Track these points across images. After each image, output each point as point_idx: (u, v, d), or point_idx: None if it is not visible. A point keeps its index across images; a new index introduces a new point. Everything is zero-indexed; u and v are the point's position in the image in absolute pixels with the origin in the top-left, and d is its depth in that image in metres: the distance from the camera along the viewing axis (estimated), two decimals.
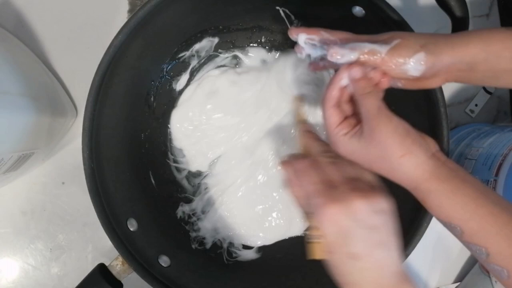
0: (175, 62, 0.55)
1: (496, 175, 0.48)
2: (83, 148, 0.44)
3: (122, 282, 0.45)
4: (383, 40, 0.37)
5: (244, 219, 0.55)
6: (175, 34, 0.52)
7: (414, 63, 0.35)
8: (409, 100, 0.45)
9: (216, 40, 0.55)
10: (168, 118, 0.56)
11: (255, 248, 0.55)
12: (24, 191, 0.58)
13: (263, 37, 0.57)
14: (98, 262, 0.46)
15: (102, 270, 0.44)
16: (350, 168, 0.37)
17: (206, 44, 0.55)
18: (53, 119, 0.52)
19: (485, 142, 0.52)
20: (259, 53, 0.57)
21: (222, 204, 0.56)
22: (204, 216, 0.56)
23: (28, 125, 0.48)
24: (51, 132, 0.54)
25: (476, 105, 0.61)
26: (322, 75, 0.55)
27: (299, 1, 0.51)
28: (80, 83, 0.58)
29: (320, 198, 0.34)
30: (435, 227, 0.37)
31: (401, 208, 0.51)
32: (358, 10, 0.46)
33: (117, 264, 0.45)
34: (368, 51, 0.36)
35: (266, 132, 0.55)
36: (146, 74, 0.53)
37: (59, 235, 0.58)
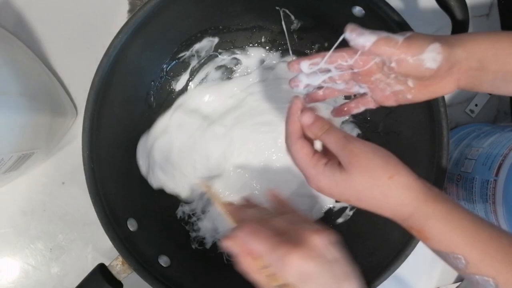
0: (175, 62, 0.55)
1: (496, 175, 0.47)
2: (83, 148, 0.44)
3: (122, 282, 0.45)
4: None
5: None
6: (175, 34, 0.52)
7: (431, 52, 0.33)
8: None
9: (216, 40, 0.55)
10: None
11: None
12: (24, 191, 0.58)
13: (263, 37, 0.57)
14: (98, 262, 0.46)
15: (102, 270, 0.44)
16: (290, 216, 0.36)
17: (206, 44, 0.55)
18: (53, 119, 0.52)
19: (485, 142, 0.52)
20: (259, 53, 0.57)
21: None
22: (204, 216, 0.56)
23: (28, 125, 0.48)
24: (51, 132, 0.54)
25: (476, 105, 0.61)
26: None
27: (299, 1, 0.51)
28: (80, 83, 0.58)
29: (279, 250, 0.32)
30: None
31: None
32: (358, 10, 0.46)
33: (117, 264, 0.45)
34: (385, 36, 0.34)
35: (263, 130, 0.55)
36: (146, 74, 0.53)
37: (59, 235, 0.58)
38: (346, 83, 0.40)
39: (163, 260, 0.48)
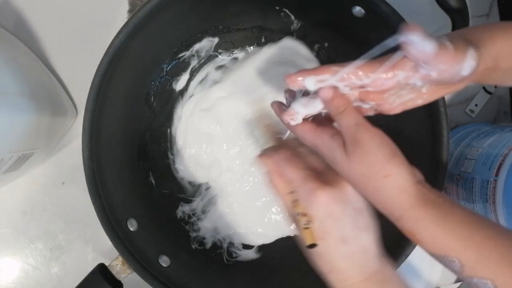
0: (175, 62, 0.55)
1: (496, 175, 0.47)
2: (83, 148, 0.44)
3: (122, 282, 0.45)
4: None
5: (244, 215, 0.55)
6: (175, 34, 0.52)
7: (470, 60, 0.30)
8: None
9: (216, 40, 0.55)
10: (169, 118, 0.56)
11: (255, 248, 0.55)
12: (24, 191, 0.58)
13: (263, 37, 0.57)
14: (98, 262, 0.46)
15: (102, 270, 0.44)
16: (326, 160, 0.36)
17: (206, 44, 0.55)
18: (53, 119, 0.52)
19: (485, 142, 0.52)
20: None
21: (222, 201, 0.56)
22: (204, 216, 0.56)
23: (28, 125, 0.48)
24: (51, 132, 0.54)
25: (476, 105, 0.61)
26: None
27: (299, 1, 0.51)
28: (80, 83, 0.58)
29: (310, 183, 0.33)
30: None
31: None
32: (358, 10, 0.46)
33: (117, 264, 0.45)
34: (441, 43, 0.29)
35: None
36: (146, 74, 0.53)
37: (59, 235, 0.58)
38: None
39: (163, 260, 0.48)
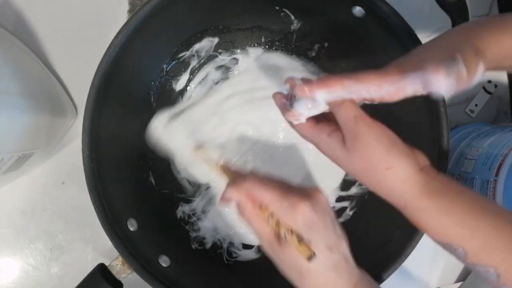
0: (175, 62, 0.55)
1: (496, 175, 0.48)
2: (83, 148, 0.44)
3: (122, 282, 0.45)
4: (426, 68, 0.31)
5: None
6: (175, 34, 0.52)
7: (479, 75, 0.31)
8: (408, 100, 0.45)
9: (216, 40, 0.55)
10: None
11: (255, 248, 0.55)
12: (24, 191, 0.58)
13: (263, 37, 0.57)
14: (98, 262, 0.46)
15: (102, 270, 0.44)
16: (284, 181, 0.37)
17: (206, 44, 0.55)
18: (53, 119, 0.52)
19: (485, 142, 0.52)
20: (259, 53, 0.57)
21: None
22: (204, 216, 0.56)
23: (28, 125, 0.48)
24: (51, 132, 0.54)
25: (476, 105, 0.61)
26: None
27: (298, 1, 0.51)
28: (80, 83, 0.58)
29: (288, 199, 0.33)
30: None
31: None
32: (358, 10, 0.46)
33: (117, 264, 0.45)
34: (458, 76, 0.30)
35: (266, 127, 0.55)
36: (146, 74, 0.53)
37: (59, 235, 0.58)
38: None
39: (163, 260, 0.48)
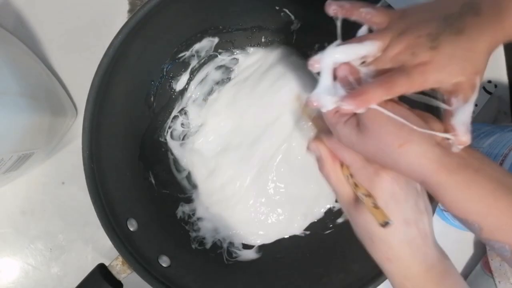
0: (175, 62, 0.55)
1: None
2: (83, 148, 0.44)
3: (122, 282, 0.45)
4: None
5: (245, 215, 0.55)
6: (175, 34, 0.52)
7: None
8: (408, 100, 0.45)
9: (216, 40, 0.55)
10: (169, 118, 0.56)
11: (255, 248, 0.55)
12: (24, 191, 0.58)
13: (263, 37, 0.57)
14: (98, 262, 0.46)
15: (102, 270, 0.44)
16: None
17: (206, 44, 0.55)
18: (53, 119, 0.52)
19: (485, 142, 0.52)
20: (259, 53, 0.57)
21: (223, 201, 0.56)
22: (204, 216, 0.56)
23: (28, 125, 0.48)
24: (51, 132, 0.54)
25: (476, 105, 0.61)
26: None
27: (298, 1, 0.51)
28: (80, 83, 0.58)
29: (371, 165, 0.33)
30: (436, 225, 0.36)
31: None
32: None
33: (117, 264, 0.45)
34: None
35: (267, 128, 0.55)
36: (146, 74, 0.53)
37: (59, 235, 0.58)
38: None
39: (163, 260, 0.48)
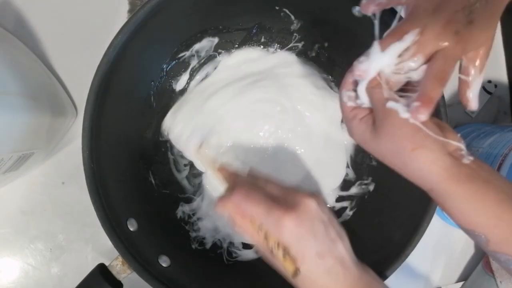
0: (175, 62, 0.55)
1: None
2: (83, 148, 0.44)
3: (122, 282, 0.45)
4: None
5: None
6: (175, 34, 0.52)
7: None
8: None
9: (216, 40, 0.55)
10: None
11: (255, 248, 0.55)
12: (24, 191, 0.58)
13: (263, 37, 0.57)
14: (98, 262, 0.46)
15: (102, 270, 0.44)
16: (281, 185, 0.37)
17: (206, 44, 0.55)
18: (53, 119, 0.52)
19: (485, 142, 0.52)
20: (259, 53, 0.57)
21: None
22: (204, 216, 0.56)
23: (28, 125, 0.48)
24: (51, 132, 0.54)
25: None
26: None
27: (299, 1, 0.51)
28: (80, 83, 0.58)
29: (273, 213, 0.33)
30: (436, 225, 0.36)
31: (400, 206, 0.51)
32: (358, 10, 0.46)
33: (117, 264, 0.45)
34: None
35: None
36: (146, 74, 0.53)
37: (59, 235, 0.58)
38: None
39: (163, 260, 0.48)
